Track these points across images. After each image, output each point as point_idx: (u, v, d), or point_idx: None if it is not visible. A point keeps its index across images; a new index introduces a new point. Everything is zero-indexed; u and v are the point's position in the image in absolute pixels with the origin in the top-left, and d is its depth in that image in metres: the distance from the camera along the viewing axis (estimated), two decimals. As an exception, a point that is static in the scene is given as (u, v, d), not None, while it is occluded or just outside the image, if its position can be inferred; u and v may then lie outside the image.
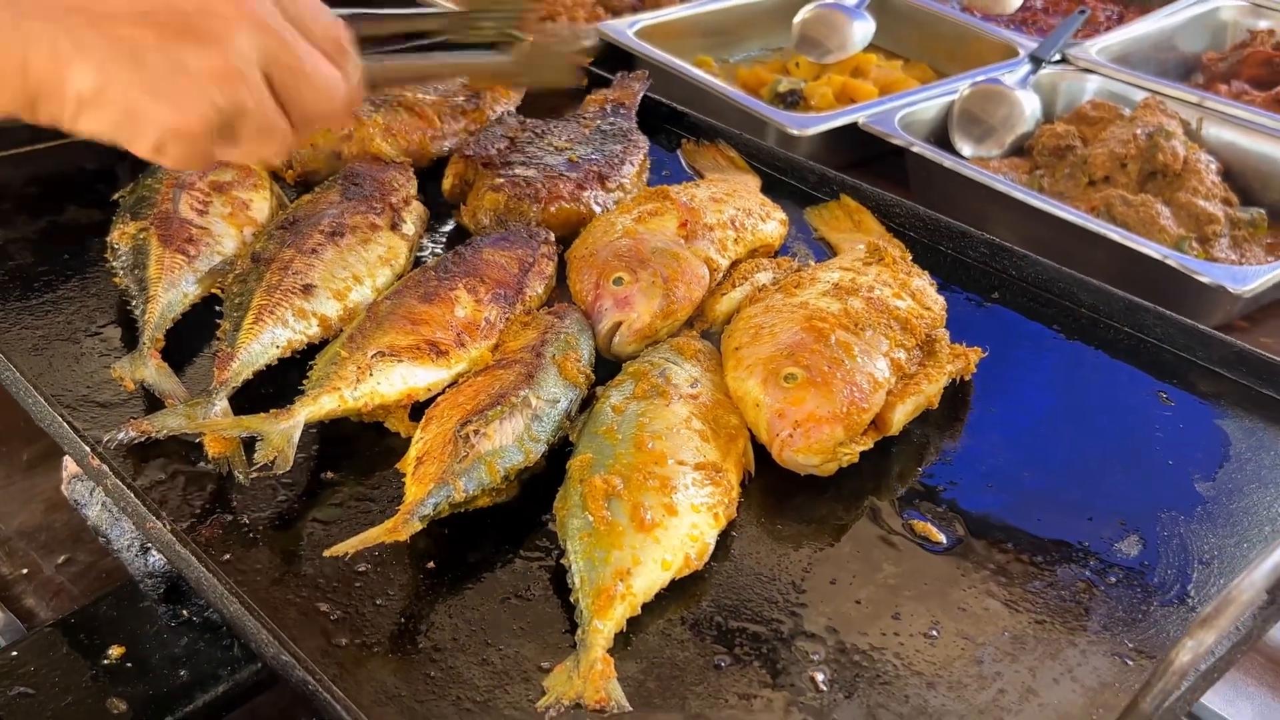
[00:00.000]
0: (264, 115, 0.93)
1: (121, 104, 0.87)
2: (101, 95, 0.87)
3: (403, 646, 0.96)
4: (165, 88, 0.88)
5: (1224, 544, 1.09)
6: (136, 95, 0.87)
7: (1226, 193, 1.94)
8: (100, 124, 0.89)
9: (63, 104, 0.88)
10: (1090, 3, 2.62)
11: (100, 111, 0.88)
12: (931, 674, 0.95)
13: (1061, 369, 1.35)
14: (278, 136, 0.95)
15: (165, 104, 0.88)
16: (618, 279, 1.29)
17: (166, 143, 0.90)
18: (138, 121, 0.88)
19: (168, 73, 0.88)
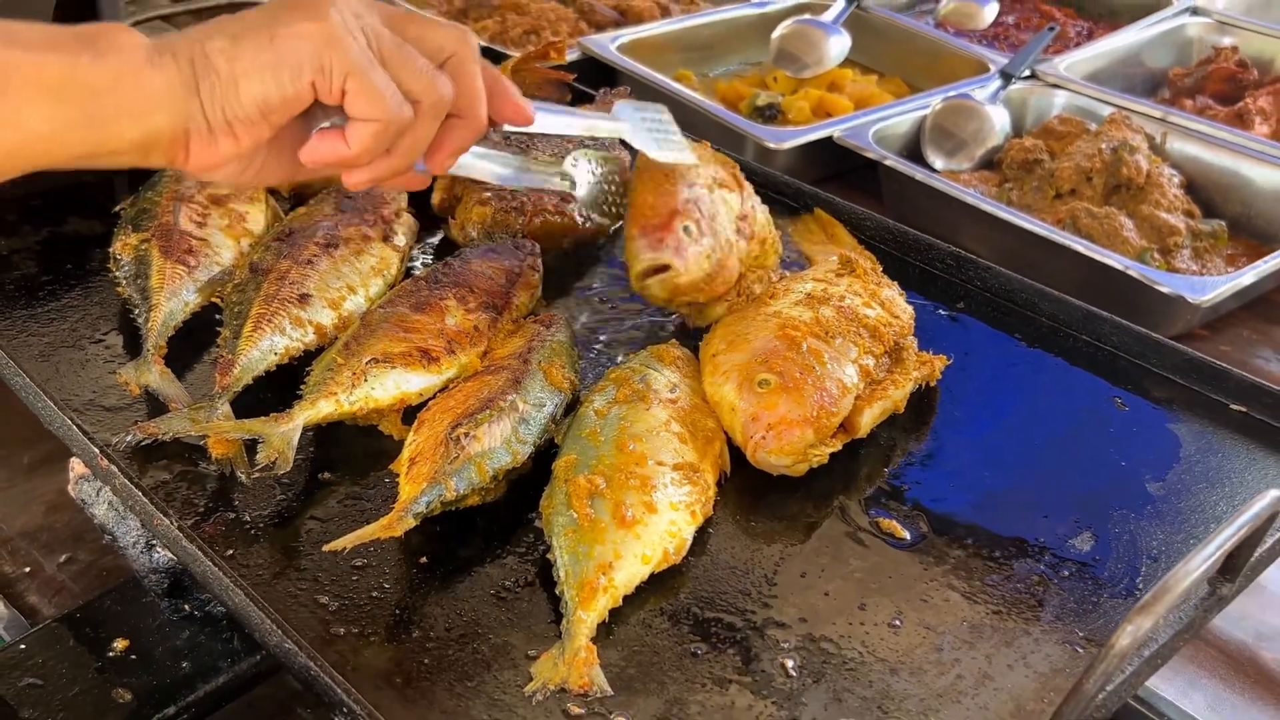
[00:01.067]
0: (382, 56, 0.93)
1: (265, 38, 0.89)
2: (241, 42, 0.89)
3: (398, 636, 1.01)
4: (293, 12, 0.90)
5: (1172, 540, 1.15)
6: (273, 25, 0.90)
7: (1189, 205, 2.01)
8: (259, 72, 0.89)
9: (217, 74, 0.89)
10: (1060, 19, 2.69)
11: (250, 59, 0.89)
12: (894, 660, 1.01)
13: (1023, 375, 1.41)
14: (421, 63, 0.95)
15: (302, 16, 0.90)
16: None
17: (326, 56, 0.90)
18: (283, 43, 0.89)
19: (291, 6, 0.91)
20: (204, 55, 0.88)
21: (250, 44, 0.89)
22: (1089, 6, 2.82)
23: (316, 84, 0.90)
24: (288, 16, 0.89)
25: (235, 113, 0.90)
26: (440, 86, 0.95)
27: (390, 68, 0.93)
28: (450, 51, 0.97)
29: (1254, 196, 2.05)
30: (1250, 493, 1.22)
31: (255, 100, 0.90)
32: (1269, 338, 1.84)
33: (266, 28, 0.89)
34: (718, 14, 2.57)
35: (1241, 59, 2.46)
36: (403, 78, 0.93)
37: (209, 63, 0.88)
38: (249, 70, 0.89)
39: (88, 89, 0.85)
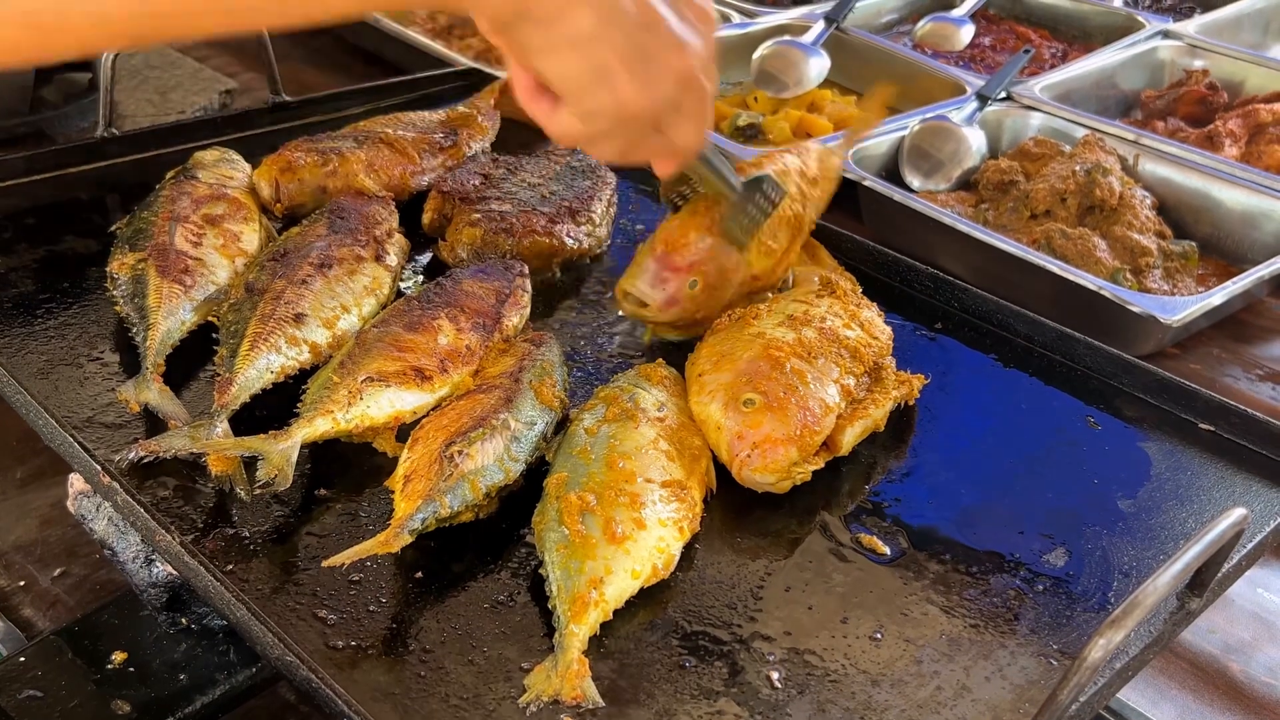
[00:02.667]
0: (655, 126, 1.00)
1: (599, 62, 0.90)
2: (588, 45, 0.89)
3: (395, 649, 1.04)
4: (639, 68, 0.91)
5: (1142, 556, 1.19)
6: (615, 62, 0.90)
7: (1160, 226, 2.05)
8: (564, 69, 0.91)
9: (547, 35, 0.89)
10: (1035, 42, 2.74)
11: (574, 59, 0.90)
12: (876, 673, 1.04)
13: (999, 394, 1.44)
14: (640, 151, 1.03)
15: (632, 82, 0.92)
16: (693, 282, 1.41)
17: (604, 114, 0.94)
18: (600, 86, 0.92)
19: (647, 54, 0.91)
20: (562, 14, 0.88)
21: (591, 51, 0.91)
22: (1063, 29, 2.87)
23: (578, 110, 0.97)
24: (634, 66, 0.92)
25: (520, 52, 0.93)
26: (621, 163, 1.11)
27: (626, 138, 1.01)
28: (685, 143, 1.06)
29: (1223, 218, 2.09)
30: (1218, 510, 1.24)
31: (540, 70, 0.94)
32: (1238, 356, 1.88)
33: (612, 54, 0.91)
34: (700, 34, 2.60)
35: (1212, 81, 2.50)
36: (612, 148, 1.03)
37: (558, 25, 0.89)
38: (562, 61, 0.92)
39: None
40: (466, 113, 1.82)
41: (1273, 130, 2.31)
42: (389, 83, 2.06)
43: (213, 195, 1.54)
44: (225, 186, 1.57)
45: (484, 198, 1.60)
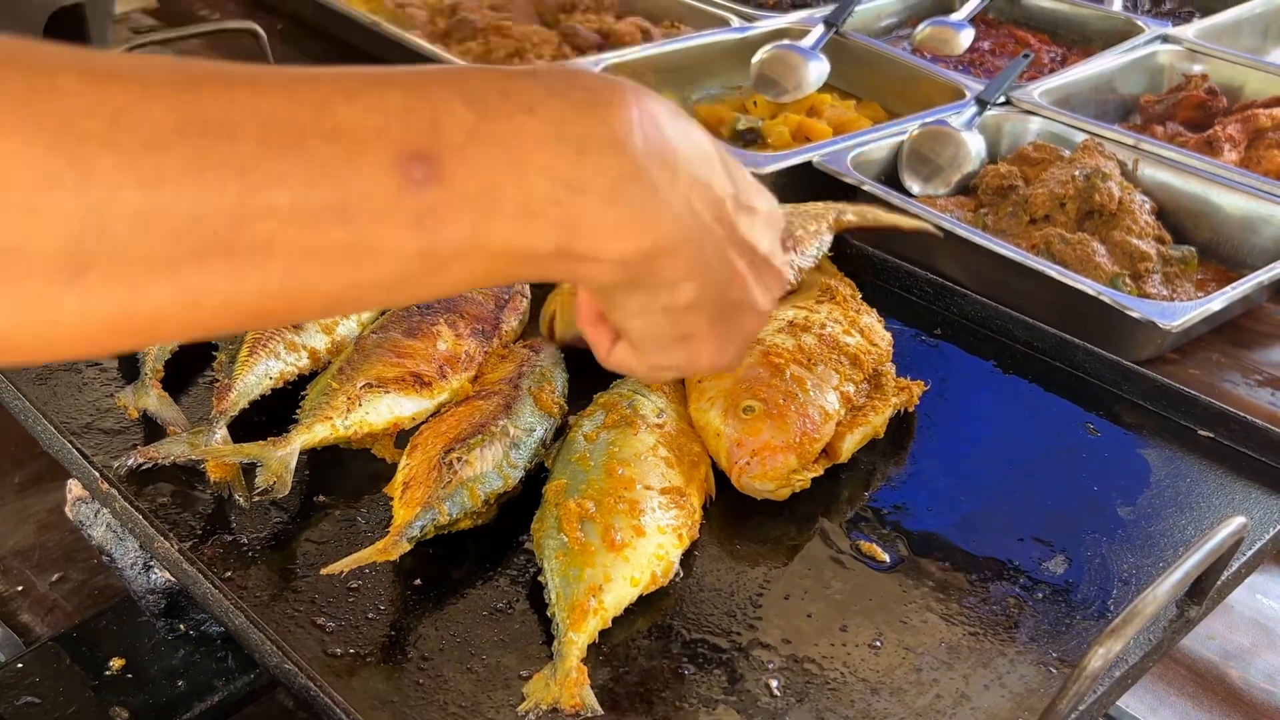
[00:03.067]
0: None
1: (689, 330, 0.81)
2: (686, 313, 0.79)
3: (393, 656, 1.04)
4: (721, 333, 0.83)
5: (1142, 564, 1.19)
6: (704, 329, 0.82)
7: (1159, 231, 2.05)
8: (656, 330, 0.81)
9: (647, 299, 0.78)
10: (1034, 46, 2.74)
11: (670, 323, 0.80)
12: (875, 681, 1.04)
13: (998, 401, 1.44)
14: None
15: (712, 349, 0.84)
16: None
17: (674, 370, 0.87)
18: (683, 347, 0.83)
19: (729, 315, 0.82)
20: (660, 272, 0.75)
21: (680, 316, 0.80)
22: (1063, 33, 2.87)
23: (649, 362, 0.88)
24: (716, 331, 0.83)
25: (604, 308, 0.84)
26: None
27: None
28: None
29: (1222, 223, 2.09)
30: (1218, 517, 1.25)
31: (621, 327, 0.84)
32: (1237, 362, 1.88)
33: (698, 319, 0.81)
34: (699, 38, 2.61)
35: (1211, 86, 2.51)
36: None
37: (657, 284, 0.76)
38: (648, 325, 0.82)
39: (540, 266, 0.70)
40: (466, 117, 1.82)
41: (1272, 135, 2.31)
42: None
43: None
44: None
45: (483, 203, 1.60)
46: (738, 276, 0.81)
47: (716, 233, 0.76)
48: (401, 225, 0.62)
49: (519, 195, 0.65)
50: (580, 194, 0.67)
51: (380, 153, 0.61)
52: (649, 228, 0.71)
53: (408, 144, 0.62)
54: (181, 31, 1.83)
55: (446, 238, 0.64)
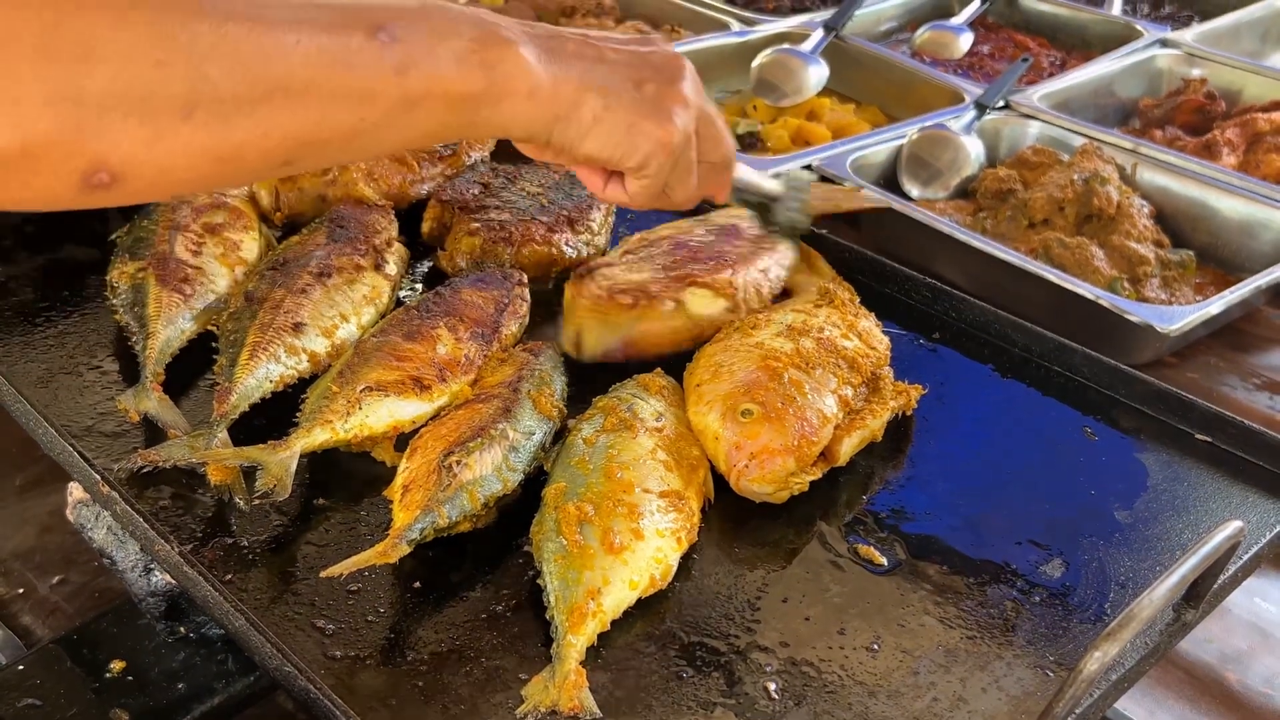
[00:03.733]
0: (694, 149, 1.16)
1: (624, 122, 1.08)
2: (608, 114, 1.07)
3: (393, 659, 1.04)
4: (653, 110, 1.09)
5: (1139, 567, 1.19)
6: (634, 116, 1.08)
7: (1158, 235, 2.05)
8: (604, 141, 1.08)
9: (579, 124, 1.06)
10: (1033, 50, 2.75)
11: (606, 130, 1.07)
12: (873, 684, 1.05)
13: (996, 405, 1.45)
14: (693, 177, 1.19)
15: (654, 122, 1.09)
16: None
17: (653, 156, 1.11)
18: (635, 137, 1.09)
19: (654, 100, 1.10)
20: (578, 106, 1.06)
21: (613, 117, 1.08)
22: (1062, 37, 2.88)
23: (637, 167, 1.12)
24: (649, 113, 1.10)
25: (569, 149, 1.08)
26: (691, 198, 1.22)
27: (675, 172, 1.16)
28: (719, 160, 1.22)
29: (1221, 227, 2.10)
30: (1215, 521, 1.25)
31: (588, 154, 1.09)
32: (1236, 366, 1.88)
33: (631, 112, 1.08)
34: (699, 42, 2.61)
35: (1210, 90, 2.51)
36: (675, 186, 1.18)
37: (579, 112, 1.06)
38: (599, 135, 1.08)
39: (472, 104, 0.98)
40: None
41: (1270, 139, 2.32)
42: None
43: (213, 204, 1.54)
44: (225, 195, 1.57)
45: (483, 207, 1.60)
46: (628, 66, 1.09)
47: (607, 58, 1.08)
48: (387, 71, 0.91)
49: (451, 50, 0.95)
50: (489, 48, 0.98)
51: (359, 25, 0.90)
52: (546, 69, 1.02)
53: (374, 21, 0.91)
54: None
55: (414, 82, 0.93)
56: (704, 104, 1.17)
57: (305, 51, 0.86)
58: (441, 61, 0.95)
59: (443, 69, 0.95)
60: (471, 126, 1.01)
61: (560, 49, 1.05)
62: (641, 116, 1.09)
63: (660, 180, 1.14)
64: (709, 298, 1.47)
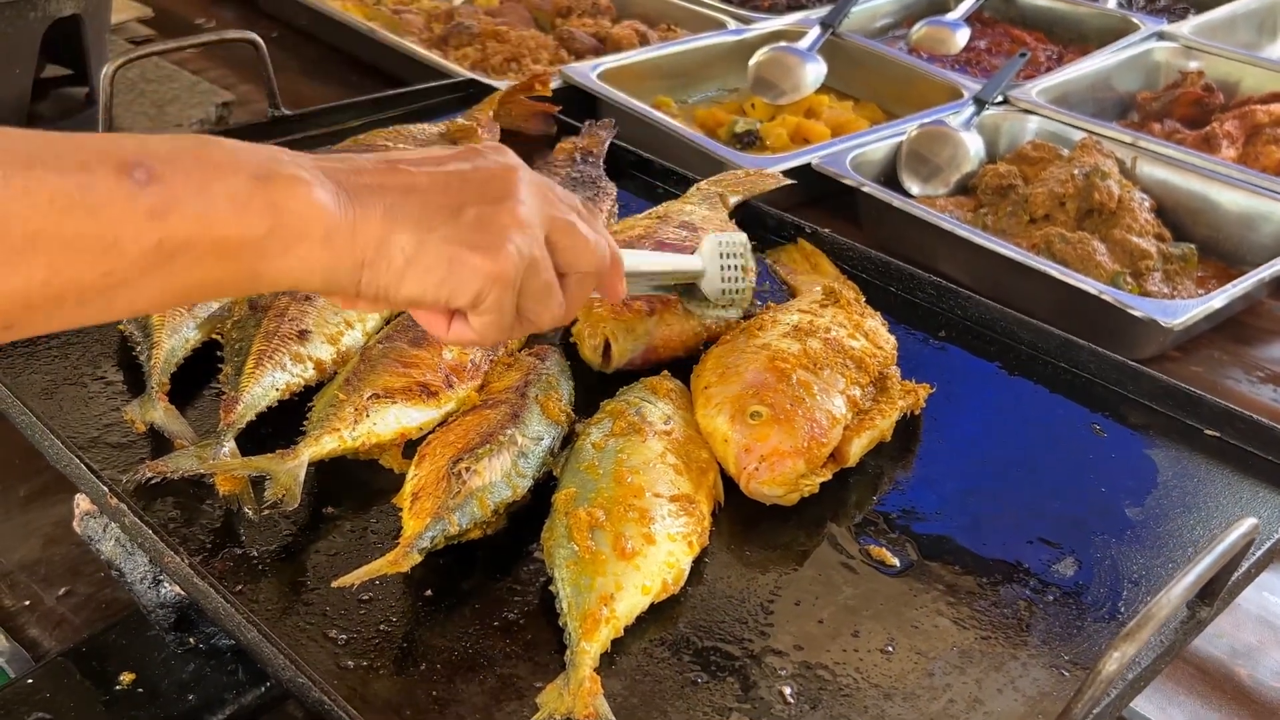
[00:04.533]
0: (548, 270, 1.00)
1: (444, 257, 0.93)
2: (423, 251, 0.92)
3: (406, 668, 1.04)
4: (477, 239, 0.94)
5: (1151, 564, 1.19)
6: (455, 249, 0.93)
7: (1159, 229, 2.06)
8: (424, 282, 0.93)
9: (389, 266, 0.92)
10: (1030, 45, 2.75)
11: (423, 269, 0.93)
12: (888, 686, 1.05)
13: (1004, 403, 1.44)
14: (555, 297, 1.02)
15: (480, 253, 0.94)
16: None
17: (486, 291, 0.95)
18: (460, 271, 0.94)
19: (477, 227, 0.94)
20: (385, 245, 0.91)
21: (430, 255, 0.92)
22: (1059, 31, 2.88)
23: (471, 305, 0.96)
24: (473, 241, 0.94)
25: (384, 295, 0.94)
26: (560, 317, 1.04)
27: (528, 299, 1.00)
28: (589, 269, 1.05)
29: (1221, 220, 2.10)
30: (1225, 516, 1.26)
31: (409, 298, 0.94)
32: (1239, 359, 1.89)
33: (451, 245, 0.93)
34: (696, 41, 2.61)
35: (1208, 83, 2.51)
36: (534, 310, 1.01)
37: (387, 256, 0.91)
38: (415, 277, 0.93)
39: (256, 254, 0.85)
40: (466, 125, 1.82)
41: (1269, 131, 2.32)
42: (387, 95, 2.05)
43: (214, 211, 1.53)
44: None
45: (486, 210, 1.59)
46: (444, 191, 0.95)
47: (417, 185, 0.94)
48: (138, 216, 0.79)
49: (225, 189, 0.82)
50: (273, 186, 0.85)
51: (107, 163, 0.78)
52: (344, 208, 0.89)
53: (123, 158, 0.79)
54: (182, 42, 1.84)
55: (175, 226, 0.80)
56: (554, 212, 1.01)
57: (34, 199, 0.75)
58: (212, 202, 0.82)
59: (213, 211, 0.82)
60: (253, 279, 0.87)
61: (360, 182, 0.91)
62: (463, 248, 0.94)
63: (506, 313, 0.98)
64: None
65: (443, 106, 2.06)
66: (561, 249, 1.02)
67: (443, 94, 2.11)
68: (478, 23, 2.66)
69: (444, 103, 2.08)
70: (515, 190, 0.98)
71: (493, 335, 1.00)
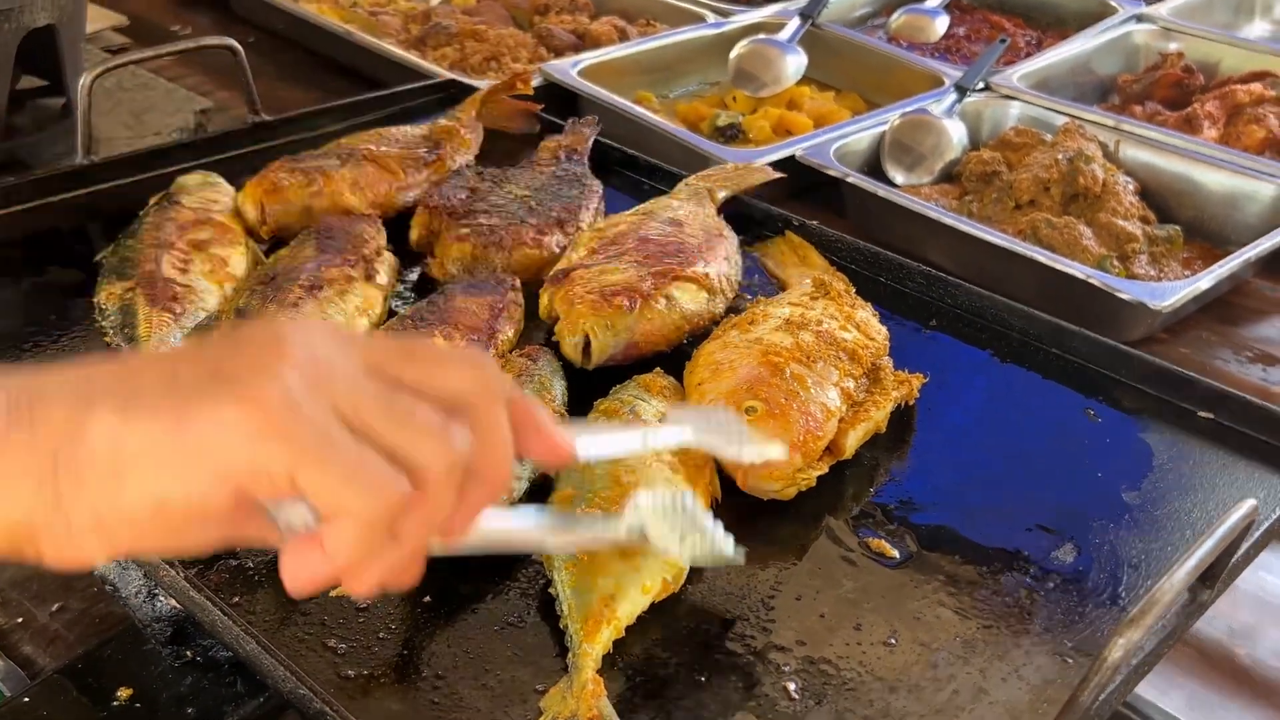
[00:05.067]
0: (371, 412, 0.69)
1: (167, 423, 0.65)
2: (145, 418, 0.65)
3: (407, 676, 1.03)
4: (222, 382, 0.66)
5: (1150, 548, 1.19)
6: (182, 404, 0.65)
7: (1144, 211, 2.05)
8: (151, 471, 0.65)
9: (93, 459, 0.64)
10: (1009, 30, 2.75)
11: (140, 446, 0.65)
12: (892, 679, 1.04)
13: (997, 390, 1.44)
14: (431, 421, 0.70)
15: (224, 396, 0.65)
16: None
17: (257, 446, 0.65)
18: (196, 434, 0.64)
19: (222, 371, 0.67)
20: (76, 433, 0.64)
21: (147, 424, 0.64)
22: (1037, 16, 2.88)
23: (249, 485, 0.65)
24: (208, 390, 0.65)
25: (111, 512, 0.64)
26: (451, 446, 0.71)
27: (376, 434, 0.68)
28: (465, 397, 0.73)
29: (1205, 200, 2.10)
30: (1222, 497, 1.26)
31: (145, 501, 0.64)
32: (1227, 338, 1.88)
33: (174, 403, 0.64)
34: (675, 35, 2.60)
35: (1188, 64, 2.51)
36: (398, 442, 0.68)
37: (82, 444, 0.63)
38: (140, 461, 0.64)
39: None
40: (449, 126, 1.81)
41: (1250, 111, 2.32)
42: (368, 98, 2.04)
43: (197, 220, 1.52)
44: (210, 211, 1.55)
45: (471, 212, 1.59)
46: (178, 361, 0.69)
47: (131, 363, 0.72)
48: None
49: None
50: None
51: None
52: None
53: None
54: (159, 50, 1.82)
55: None
56: (356, 375, 0.69)
57: None
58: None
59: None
60: None
61: (47, 380, 0.67)
62: (198, 397, 0.64)
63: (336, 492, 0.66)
64: (694, 291, 1.46)
65: (424, 108, 2.05)
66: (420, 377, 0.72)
67: (424, 95, 2.09)
68: (455, 22, 2.65)
69: (426, 104, 2.07)
70: (275, 332, 0.70)
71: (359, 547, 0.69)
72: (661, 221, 1.55)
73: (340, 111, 1.99)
